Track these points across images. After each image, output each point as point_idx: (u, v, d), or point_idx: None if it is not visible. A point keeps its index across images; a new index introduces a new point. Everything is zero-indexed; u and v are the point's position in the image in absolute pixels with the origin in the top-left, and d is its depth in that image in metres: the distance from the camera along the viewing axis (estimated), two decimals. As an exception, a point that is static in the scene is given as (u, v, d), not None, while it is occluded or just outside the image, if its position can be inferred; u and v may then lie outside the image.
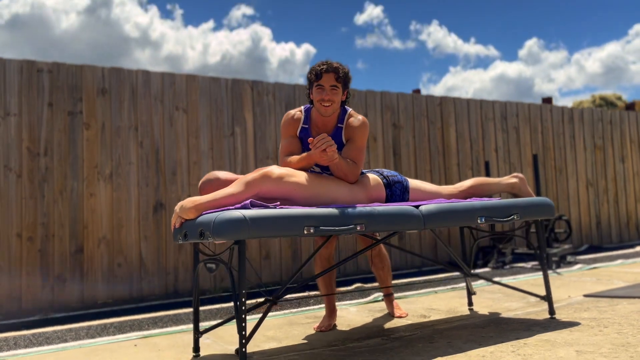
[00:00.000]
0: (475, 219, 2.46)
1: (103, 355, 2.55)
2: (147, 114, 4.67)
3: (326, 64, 2.55)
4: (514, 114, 6.83)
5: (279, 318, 3.24)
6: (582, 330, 2.36)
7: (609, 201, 7.54)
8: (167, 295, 4.58)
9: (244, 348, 1.97)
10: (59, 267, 4.24)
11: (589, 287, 3.69)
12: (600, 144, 7.57)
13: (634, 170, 7.87)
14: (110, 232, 4.43)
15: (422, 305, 3.40)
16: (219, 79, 5.03)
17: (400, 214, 2.28)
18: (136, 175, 4.57)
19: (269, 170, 2.27)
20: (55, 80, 4.39)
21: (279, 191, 2.25)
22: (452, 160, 6.26)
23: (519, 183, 2.91)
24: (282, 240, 5.10)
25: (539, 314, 2.86)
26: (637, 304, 2.90)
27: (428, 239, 5.98)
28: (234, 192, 2.16)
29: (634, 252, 6.02)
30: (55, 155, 4.31)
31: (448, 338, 2.43)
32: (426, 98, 6.21)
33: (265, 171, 2.26)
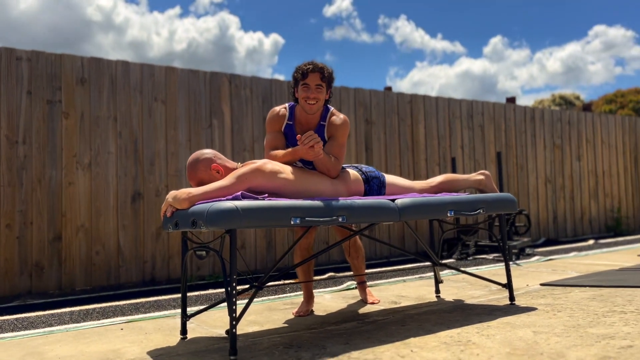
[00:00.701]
0: (446, 212, 2.68)
1: (92, 338, 2.66)
2: (126, 105, 4.74)
3: (312, 64, 2.72)
4: (480, 113, 7.13)
5: (258, 304, 3.41)
6: (539, 315, 2.61)
7: (565, 197, 7.96)
8: (144, 283, 4.68)
9: (234, 329, 2.13)
10: (37, 254, 4.29)
11: (545, 277, 3.97)
12: (559, 143, 7.97)
13: (589, 168, 8.32)
14: (89, 220, 4.50)
15: (393, 293, 3.61)
16: (198, 72, 5.13)
17: (378, 207, 2.48)
18: (115, 164, 4.64)
19: (261, 165, 2.42)
20: (35, 68, 4.41)
21: (270, 185, 2.41)
22: (421, 156, 6.52)
23: (485, 180, 3.14)
24: (258, 231, 5.26)
25: (500, 300, 3.11)
26: (588, 291, 3.19)
27: (397, 232, 6.23)
28: (227, 185, 2.31)
29: (587, 245, 6.42)
30: (34, 144, 4.35)
31: (418, 322, 2.65)
32: (397, 95, 6.43)
33: (258, 166, 2.41)
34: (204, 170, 2.52)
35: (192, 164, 2.52)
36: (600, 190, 8.44)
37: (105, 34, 61.68)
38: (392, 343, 2.23)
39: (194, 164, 2.52)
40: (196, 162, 2.52)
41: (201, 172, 2.52)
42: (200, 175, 2.52)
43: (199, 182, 2.52)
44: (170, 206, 2.32)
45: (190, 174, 2.54)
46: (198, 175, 2.51)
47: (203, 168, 2.52)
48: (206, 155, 2.55)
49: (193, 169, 2.52)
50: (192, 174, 2.52)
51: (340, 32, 61.64)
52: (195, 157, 2.55)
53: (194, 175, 2.52)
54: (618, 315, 2.46)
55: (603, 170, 8.52)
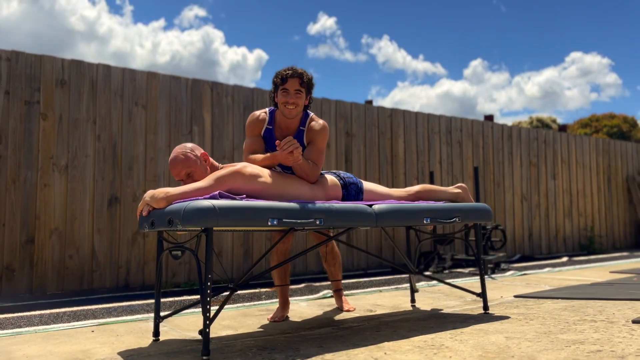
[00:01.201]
0: (422, 219, 2.71)
1: (61, 339, 2.61)
2: (106, 108, 4.71)
3: (291, 70, 2.75)
4: (458, 129, 7.24)
5: (233, 310, 3.38)
6: (512, 322, 2.64)
7: (541, 215, 8.09)
8: (118, 288, 4.61)
9: (207, 329, 2.11)
10: (8, 256, 4.21)
11: (519, 290, 4.02)
12: (535, 161, 8.11)
13: (563, 187, 8.48)
14: (63, 223, 4.43)
15: (368, 302, 3.62)
16: (180, 78, 5.13)
17: (355, 212, 2.49)
18: (92, 168, 4.59)
19: (241, 168, 2.43)
20: (14, 68, 4.36)
21: (248, 188, 2.42)
22: (400, 170, 6.58)
23: (462, 193, 3.19)
24: (235, 239, 5.23)
25: (474, 310, 3.14)
26: (560, 302, 3.24)
27: (374, 242, 6.25)
28: (205, 186, 2.31)
29: (560, 262, 6.52)
30: (10, 144, 4.28)
31: (393, 328, 2.66)
32: (378, 109, 6.50)
33: (237, 169, 2.41)
34: (195, 158, 2.52)
35: (182, 153, 2.50)
36: (575, 209, 8.60)
37: (87, 43, 61.26)
38: (366, 347, 2.23)
39: (185, 154, 2.50)
40: (186, 152, 2.51)
41: (192, 161, 2.50)
42: (192, 165, 2.50)
43: (187, 173, 2.50)
44: (147, 205, 2.30)
45: (178, 164, 2.50)
46: (189, 164, 2.49)
47: (194, 157, 2.51)
48: (192, 146, 2.57)
49: (185, 158, 2.49)
50: (181, 164, 2.49)
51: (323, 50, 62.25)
52: (183, 148, 2.53)
53: (184, 164, 2.49)
54: (589, 324, 2.50)
55: (577, 189, 8.69)
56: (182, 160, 2.50)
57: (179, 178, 2.53)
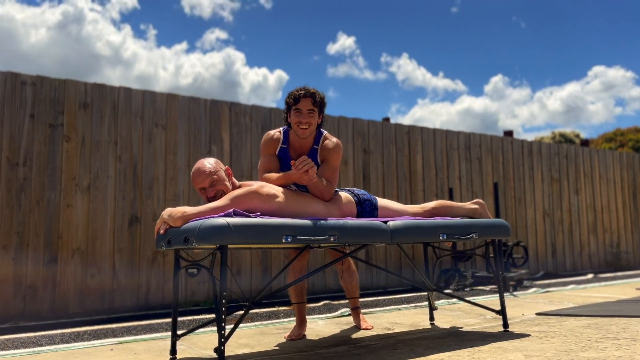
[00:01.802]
0: (438, 235, 2.69)
1: (81, 358, 2.64)
2: (127, 130, 4.81)
3: (304, 90, 2.78)
4: (477, 145, 7.20)
5: (250, 329, 3.38)
6: (531, 340, 2.59)
7: (564, 231, 7.95)
8: (139, 307, 4.65)
9: (222, 346, 2.12)
10: (31, 276, 4.29)
11: (541, 308, 3.94)
12: (556, 176, 8.00)
13: (587, 202, 8.33)
14: (85, 243, 4.50)
15: (387, 320, 3.59)
16: (199, 99, 5.22)
17: (369, 228, 2.49)
18: (113, 188, 4.68)
19: (258, 188, 2.45)
20: (39, 93, 4.49)
21: (265, 207, 2.43)
22: (418, 186, 6.55)
23: (480, 209, 3.16)
24: (253, 257, 5.25)
25: (493, 328, 3.09)
26: (583, 320, 3.16)
27: (394, 260, 6.21)
28: (222, 205, 2.33)
29: (585, 279, 6.38)
30: (34, 166, 4.40)
31: (410, 346, 2.63)
32: (395, 126, 6.51)
33: (254, 189, 2.43)
34: (220, 170, 2.54)
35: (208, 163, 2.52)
36: (599, 225, 8.43)
37: (113, 67, 62.85)
38: (382, 364, 2.21)
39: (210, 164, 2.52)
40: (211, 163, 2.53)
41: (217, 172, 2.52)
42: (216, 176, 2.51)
43: (211, 182, 2.50)
44: (165, 223, 2.33)
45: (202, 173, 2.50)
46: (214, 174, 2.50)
47: (218, 168, 2.54)
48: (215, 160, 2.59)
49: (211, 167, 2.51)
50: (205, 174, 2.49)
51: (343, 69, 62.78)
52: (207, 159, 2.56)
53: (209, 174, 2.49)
54: (611, 341, 2.44)
55: (602, 205, 8.53)
56: (207, 170, 2.51)
57: (202, 186, 2.51)
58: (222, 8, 60.98)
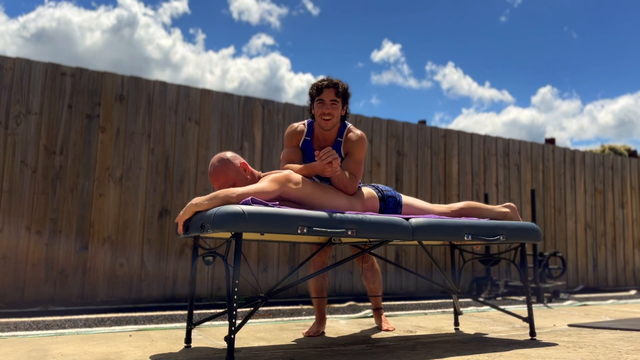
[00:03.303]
0: (462, 236, 2.58)
1: (99, 341, 2.67)
2: (160, 123, 4.88)
3: (327, 80, 2.73)
4: (517, 152, 6.98)
5: (270, 324, 3.35)
6: (557, 349, 2.46)
7: (607, 245, 7.61)
8: (165, 299, 4.70)
9: (232, 335, 2.09)
10: (63, 262, 4.39)
11: (575, 320, 3.76)
12: (600, 187, 7.68)
13: (634, 216, 7.96)
14: (115, 232, 4.58)
15: (410, 323, 3.49)
16: (232, 95, 5.25)
17: (389, 224, 2.42)
18: (145, 180, 4.75)
19: (289, 174, 2.42)
20: (77, 84, 4.61)
21: (296, 195, 2.40)
22: (453, 191, 6.40)
23: (510, 213, 3.03)
24: (281, 253, 5.22)
25: (520, 336, 2.96)
26: (618, 333, 2.99)
27: (425, 264, 6.08)
28: (265, 188, 2.30)
29: (627, 294, 6.08)
30: (70, 155, 4.51)
31: (429, 348, 2.54)
32: (431, 129, 6.39)
33: (287, 173, 2.40)
34: (235, 169, 2.47)
35: (222, 162, 2.45)
36: (646, 240, 8.03)
37: (162, 70, 64.60)
38: (395, 363, 2.14)
39: (225, 162, 2.45)
40: (227, 161, 2.46)
41: (232, 171, 2.46)
42: (231, 175, 2.46)
43: (225, 181, 2.45)
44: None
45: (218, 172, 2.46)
46: (229, 174, 2.45)
47: (234, 167, 2.47)
48: (232, 155, 2.52)
49: (223, 165, 2.45)
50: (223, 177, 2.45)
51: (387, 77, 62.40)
52: (223, 156, 2.48)
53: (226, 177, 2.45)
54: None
55: (649, 219, 8.13)
56: (223, 172, 2.46)
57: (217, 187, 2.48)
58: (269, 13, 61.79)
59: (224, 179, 2.46)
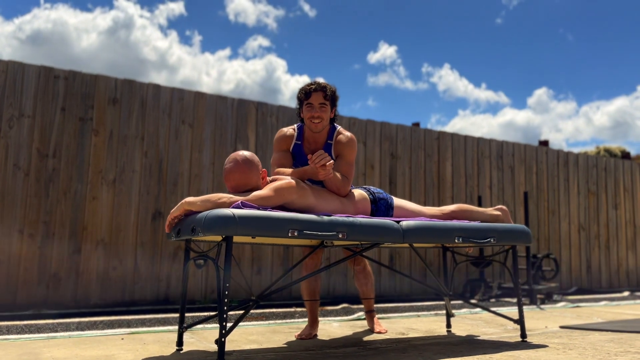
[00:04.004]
0: (453, 238, 2.60)
1: (91, 345, 2.67)
2: (154, 126, 4.88)
3: (315, 84, 2.74)
4: (510, 154, 7.01)
5: (263, 327, 3.35)
6: (547, 351, 2.47)
7: (600, 246, 7.64)
8: (158, 301, 4.69)
9: (223, 338, 2.09)
10: (55, 265, 4.38)
11: (567, 321, 3.78)
12: (594, 189, 7.71)
13: (627, 218, 8.00)
14: (109, 235, 4.58)
15: (403, 325, 3.50)
16: (226, 98, 5.25)
17: (380, 227, 2.43)
18: (138, 183, 4.74)
19: (290, 181, 2.37)
20: (70, 87, 4.61)
21: (300, 204, 2.39)
22: (447, 194, 6.41)
23: (502, 216, 3.04)
24: (274, 256, 5.23)
25: (512, 338, 2.97)
26: (608, 335, 3.01)
27: (419, 267, 6.09)
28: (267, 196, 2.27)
29: (620, 296, 6.10)
30: (62, 158, 4.50)
31: (420, 351, 2.55)
32: (424, 131, 6.40)
33: (288, 182, 2.36)
34: (257, 174, 2.41)
35: (247, 162, 2.36)
36: (639, 242, 8.07)
37: (158, 72, 64.55)
38: (386, 366, 2.14)
39: (249, 163, 2.37)
40: (251, 164, 2.38)
41: (254, 176, 2.39)
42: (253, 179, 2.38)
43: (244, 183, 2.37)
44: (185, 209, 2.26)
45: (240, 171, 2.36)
46: (251, 175, 2.37)
47: (256, 170, 2.41)
48: (256, 159, 2.43)
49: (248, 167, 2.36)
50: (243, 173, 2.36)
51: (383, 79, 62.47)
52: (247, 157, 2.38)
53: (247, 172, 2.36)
54: (631, 355, 2.31)
55: (642, 220, 8.16)
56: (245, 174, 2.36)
57: (235, 191, 2.37)
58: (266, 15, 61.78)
59: (243, 181, 2.36)
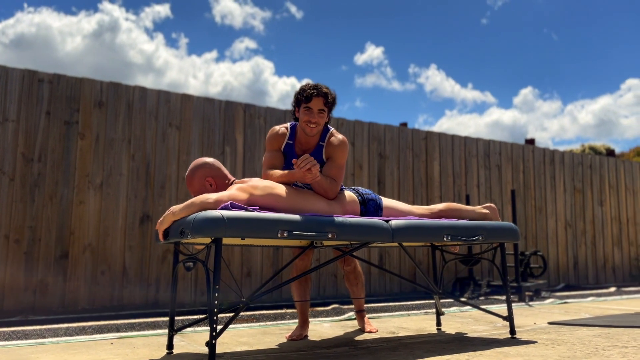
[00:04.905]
0: (442, 237, 2.61)
1: (80, 350, 2.64)
2: (141, 129, 4.85)
3: (316, 89, 2.72)
4: (497, 152, 7.06)
5: (254, 329, 3.35)
6: (536, 347, 2.49)
7: (587, 243, 7.72)
8: (147, 305, 4.66)
9: (214, 340, 2.09)
10: (43, 270, 4.33)
11: (555, 318, 3.81)
12: (579, 186, 7.80)
13: (612, 214, 8.09)
14: (96, 239, 4.54)
15: (393, 324, 3.51)
16: (213, 100, 5.24)
17: (370, 226, 2.43)
18: (126, 186, 4.71)
19: (254, 183, 2.45)
20: (55, 90, 4.56)
21: (267, 202, 2.42)
22: (435, 193, 6.45)
23: (490, 214, 3.07)
24: (264, 259, 5.22)
25: (501, 335, 2.99)
26: (596, 330, 3.04)
27: (408, 267, 6.11)
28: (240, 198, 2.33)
29: (607, 292, 6.17)
30: (48, 162, 4.46)
31: (410, 349, 2.56)
32: (412, 131, 6.43)
33: (252, 184, 2.43)
34: (199, 180, 2.55)
35: (192, 170, 2.56)
36: (625, 238, 8.17)
37: (145, 75, 64.24)
38: (377, 365, 2.15)
39: (194, 170, 2.56)
40: (194, 170, 2.56)
41: (196, 181, 2.55)
42: (196, 184, 2.55)
43: (193, 191, 2.55)
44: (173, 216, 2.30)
45: (188, 180, 2.58)
46: (193, 183, 2.55)
47: (198, 178, 2.55)
48: (205, 165, 2.58)
49: (192, 175, 2.55)
50: (189, 181, 2.57)
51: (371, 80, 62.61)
52: (195, 165, 2.59)
53: (190, 182, 2.56)
54: (618, 349, 2.33)
55: (627, 217, 8.27)
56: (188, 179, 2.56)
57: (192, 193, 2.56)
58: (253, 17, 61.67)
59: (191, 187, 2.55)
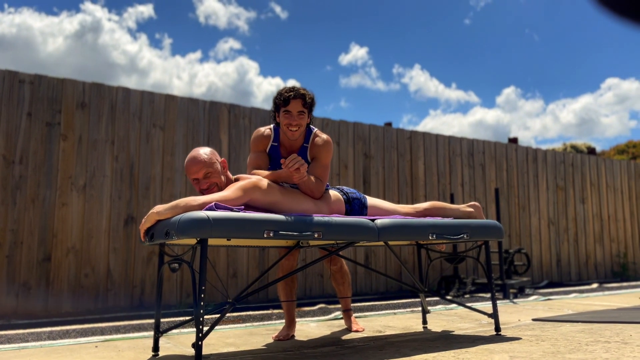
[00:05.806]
0: (427, 235, 2.63)
1: (63, 354, 2.61)
2: (124, 130, 4.80)
3: (293, 91, 2.72)
4: (481, 151, 7.13)
5: (240, 329, 3.33)
6: (521, 343, 2.52)
7: (569, 240, 7.83)
8: (133, 307, 4.62)
9: (200, 342, 2.08)
10: (25, 274, 4.27)
11: (539, 314, 3.86)
12: (562, 184, 7.90)
13: (593, 212, 8.21)
14: (80, 242, 4.49)
15: (380, 323, 3.52)
16: (198, 101, 5.21)
17: (356, 225, 2.44)
18: (109, 188, 4.66)
19: (258, 180, 2.42)
20: (36, 91, 4.50)
21: (263, 201, 2.40)
22: (420, 192, 6.48)
23: (475, 212, 3.09)
24: (250, 260, 5.20)
25: (487, 332, 3.02)
26: (579, 325, 3.08)
27: (394, 266, 6.14)
28: (230, 196, 2.29)
29: (589, 288, 6.26)
30: (30, 164, 4.40)
31: (397, 347, 2.57)
32: (397, 131, 6.46)
33: (255, 180, 2.40)
34: (216, 161, 2.47)
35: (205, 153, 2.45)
36: (606, 235, 8.29)
37: (128, 76, 63.59)
38: (364, 364, 2.16)
39: (207, 154, 2.45)
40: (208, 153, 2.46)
41: (214, 163, 2.45)
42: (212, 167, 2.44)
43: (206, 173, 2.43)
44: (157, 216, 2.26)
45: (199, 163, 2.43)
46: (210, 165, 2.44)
47: (215, 160, 2.47)
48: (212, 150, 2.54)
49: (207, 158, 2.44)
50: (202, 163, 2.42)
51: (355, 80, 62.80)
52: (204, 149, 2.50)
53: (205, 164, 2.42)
54: (601, 344, 2.37)
55: (608, 214, 8.39)
56: (203, 160, 2.44)
57: (196, 177, 2.44)
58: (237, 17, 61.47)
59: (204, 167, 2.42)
